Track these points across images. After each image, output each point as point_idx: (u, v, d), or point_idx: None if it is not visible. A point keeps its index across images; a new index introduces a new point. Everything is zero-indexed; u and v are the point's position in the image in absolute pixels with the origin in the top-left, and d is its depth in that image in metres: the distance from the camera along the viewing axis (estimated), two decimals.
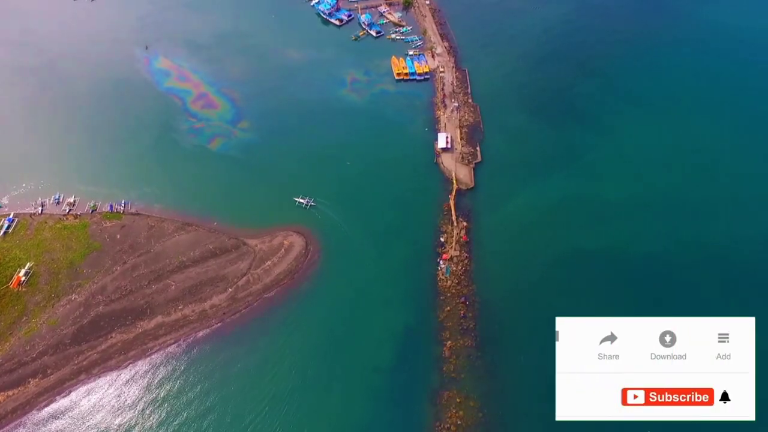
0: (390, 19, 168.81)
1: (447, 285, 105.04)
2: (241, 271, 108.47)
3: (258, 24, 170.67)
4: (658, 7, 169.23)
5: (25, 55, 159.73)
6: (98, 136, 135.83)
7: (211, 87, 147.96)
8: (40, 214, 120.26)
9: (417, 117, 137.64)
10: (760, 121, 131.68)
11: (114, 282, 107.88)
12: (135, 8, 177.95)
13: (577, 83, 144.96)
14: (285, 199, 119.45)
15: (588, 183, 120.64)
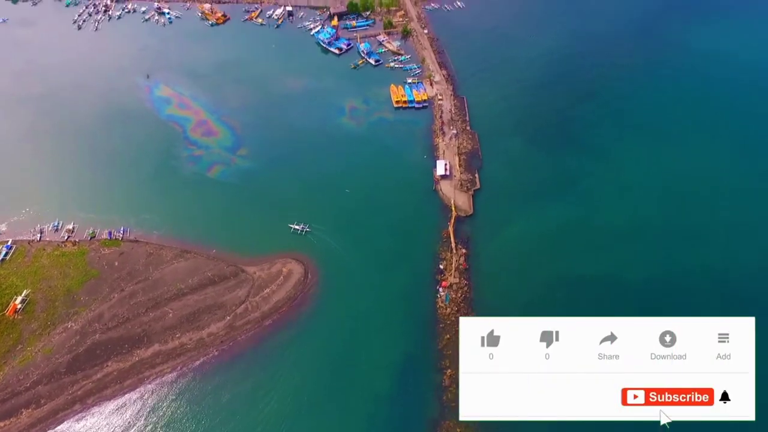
0: (389, 48, 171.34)
1: (446, 312, 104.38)
2: (240, 299, 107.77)
3: (258, 53, 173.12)
4: (650, 34, 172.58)
5: (29, 84, 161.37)
6: (98, 164, 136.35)
7: (211, 115, 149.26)
8: (39, 240, 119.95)
9: (416, 144, 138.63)
10: (754, 144, 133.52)
11: (111, 310, 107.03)
12: (137, 38, 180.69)
13: (574, 110, 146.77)
14: (284, 226, 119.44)
15: (586, 209, 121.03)
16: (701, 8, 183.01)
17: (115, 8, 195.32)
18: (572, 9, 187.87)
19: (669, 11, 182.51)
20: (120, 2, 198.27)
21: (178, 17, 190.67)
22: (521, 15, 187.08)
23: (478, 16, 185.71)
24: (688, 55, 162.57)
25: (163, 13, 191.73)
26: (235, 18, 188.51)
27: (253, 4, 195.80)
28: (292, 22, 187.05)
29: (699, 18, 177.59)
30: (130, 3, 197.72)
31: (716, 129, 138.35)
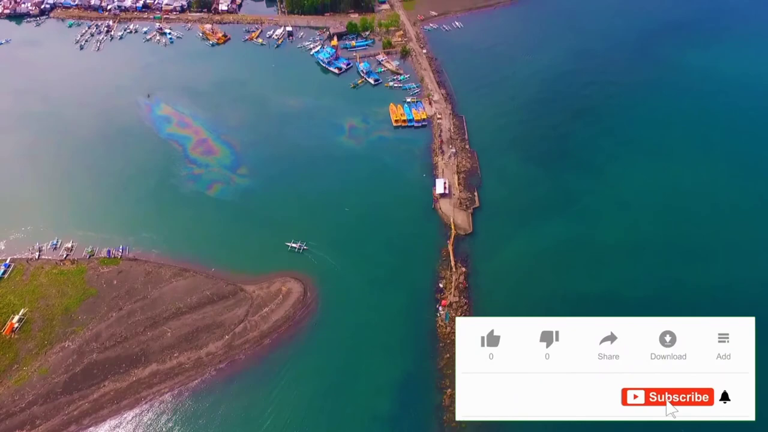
0: (388, 68, 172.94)
1: (446, 331, 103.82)
2: (239, 318, 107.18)
3: (258, 73, 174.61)
4: (645, 54, 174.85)
5: (30, 103, 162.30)
6: (98, 182, 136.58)
7: (211, 133, 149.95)
8: (37, 259, 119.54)
9: (415, 163, 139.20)
10: (748, 160, 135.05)
11: (109, 329, 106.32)
12: (139, 58, 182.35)
13: (572, 128, 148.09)
14: (284, 244, 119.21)
15: (585, 226, 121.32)
16: (695, 30, 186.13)
17: (117, 29, 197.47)
18: (568, 29, 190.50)
19: (663, 32, 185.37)
20: (122, 23, 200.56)
21: (179, 38, 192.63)
22: (518, 34, 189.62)
23: (476, 36, 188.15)
24: (683, 73, 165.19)
25: (164, 33, 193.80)
26: (236, 38, 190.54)
27: (254, 24, 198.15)
28: (292, 42, 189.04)
29: (693, 39, 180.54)
30: (132, 24, 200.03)
31: (711, 145, 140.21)
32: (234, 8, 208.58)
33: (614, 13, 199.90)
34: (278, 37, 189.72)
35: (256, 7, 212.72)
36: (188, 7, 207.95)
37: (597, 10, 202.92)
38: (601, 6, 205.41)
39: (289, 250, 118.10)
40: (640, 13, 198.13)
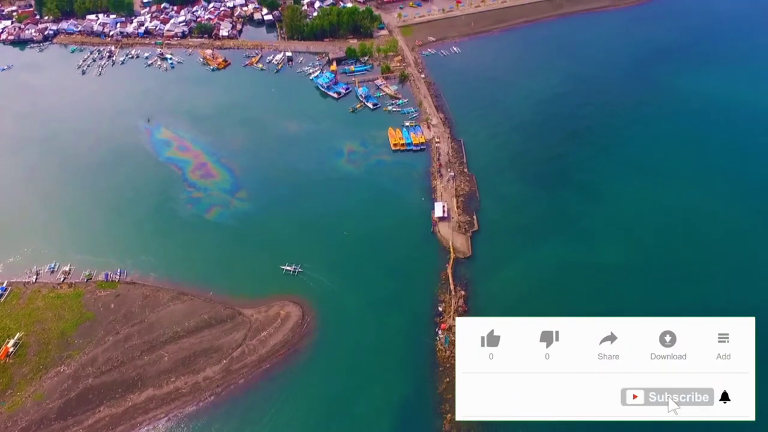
0: (386, 92, 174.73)
1: (446, 355, 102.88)
2: (236, 342, 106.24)
3: (258, 97, 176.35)
4: (640, 78, 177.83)
5: (31, 127, 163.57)
6: (97, 205, 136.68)
7: (211, 157, 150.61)
8: (35, 282, 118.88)
9: (414, 186, 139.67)
10: (746, 183, 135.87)
11: (105, 353, 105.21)
12: (140, 83, 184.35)
13: (568, 150, 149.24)
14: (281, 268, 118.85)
15: (584, 249, 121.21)
16: (688, 55, 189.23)
17: (119, 54, 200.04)
18: (564, 53, 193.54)
19: (657, 57, 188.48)
20: (124, 48, 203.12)
21: (180, 62, 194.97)
22: (515, 59, 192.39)
23: (474, 60, 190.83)
24: (677, 97, 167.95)
25: (165, 58, 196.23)
26: (236, 63, 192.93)
27: (254, 50, 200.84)
28: (292, 67, 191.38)
29: (687, 64, 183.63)
30: (134, 49, 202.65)
31: (706, 165, 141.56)
32: (234, 34, 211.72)
33: (607, 38, 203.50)
34: (278, 62, 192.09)
35: (256, 33, 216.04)
36: (189, 33, 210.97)
37: (590, 36, 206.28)
38: (594, 32, 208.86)
39: (284, 273, 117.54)
40: (633, 39, 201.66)
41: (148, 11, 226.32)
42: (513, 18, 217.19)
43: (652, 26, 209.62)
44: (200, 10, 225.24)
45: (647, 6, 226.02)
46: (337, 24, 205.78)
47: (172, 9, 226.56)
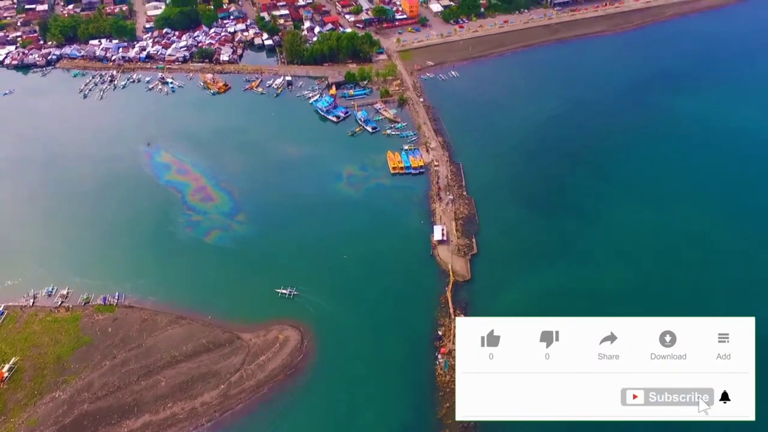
0: (385, 116, 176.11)
1: (446, 380, 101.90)
2: (235, 367, 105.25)
3: (258, 121, 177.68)
4: (638, 101, 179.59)
5: (31, 150, 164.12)
6: (96, 228, 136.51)
7: (210, 180, 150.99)
8: (32, 306, 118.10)
9: (413, 210, 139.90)
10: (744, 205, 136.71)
11: (102, 378, 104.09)
12: (140, 106, 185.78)
13: (566, 173, 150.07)
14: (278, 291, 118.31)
15: (584, 271, 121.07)
16: (684, 79, 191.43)
17: (121, 78, 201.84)
18: (560, 78, 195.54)
19: (653, 81, 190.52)
20: (126, 73, 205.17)
21: (180, 87, 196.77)
22: (513, 83, 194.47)
23: (472, 84, 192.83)
24: (673, 121, 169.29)
25: (166, 82, 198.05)
26: (236, 87, 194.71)
27: (254, 74, 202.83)
28: (291, 91, 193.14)
29: (683, 88, 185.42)
30: (136, 73, 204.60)
31: (704, 189, 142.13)
32: (235, 59, 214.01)
33: (603, 63, 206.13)
34: (278, 87, 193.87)
35: (256, 58, 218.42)
36: (190, 58, 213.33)
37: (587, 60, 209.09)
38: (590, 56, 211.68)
39: (279, 297, 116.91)
40: (629, 64, 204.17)
41: (150, 36, 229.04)
42: (510, 43, 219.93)
43: (648, 51, 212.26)
44: (201, 36, 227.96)
45: (643, 31, 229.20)
46: (337, 49, 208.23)
47: (174, 34, 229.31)
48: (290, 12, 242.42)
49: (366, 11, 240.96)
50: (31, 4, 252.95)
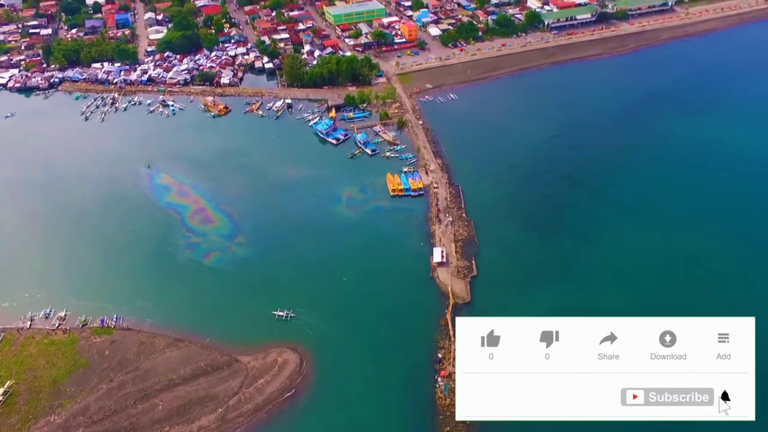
0: (385, 138, 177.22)
1: (446, 404, 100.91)
2: (233, 390, 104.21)
3: (258, 143, 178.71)
4: (633, 123, 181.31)
5: (31, 172, 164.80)
6: (96, 250, 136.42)
7: (210, 202, 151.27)
8: (29, 328, 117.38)
9: (412, 232, 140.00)
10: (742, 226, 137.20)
11: (98, 402, 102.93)
12: (141, 129, 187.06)
13: (564, 194, 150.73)
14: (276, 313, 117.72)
15: (584, 293, 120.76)
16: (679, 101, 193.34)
17: (122, 101, 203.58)
18: (557, 100, 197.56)
19: (649, 103, 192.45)
20: (127, 95, 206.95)
21: (181, 109, 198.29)
22: (510, 105, 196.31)
23: (471, 107, 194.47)
24: (668, 142, 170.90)
25: (167, 105, 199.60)
26: (236, 110, 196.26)
27: (254, 97, 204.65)
28: (291, 113, 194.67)
29: (677, 110, 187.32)
30: (137, 96, 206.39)
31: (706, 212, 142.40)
32: (235, 81, 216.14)
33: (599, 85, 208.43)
34: (278, 109, 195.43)
35: (257, 81, 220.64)
36: (191, 81, 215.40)
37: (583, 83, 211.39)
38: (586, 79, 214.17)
39: (277, 319, 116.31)
40: (625, 86, 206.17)
41: (152, 59, 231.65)
42: (507, 66, 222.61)
43: (644, 74, 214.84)
44: (202, 59, 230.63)
45: (638, 54, 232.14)
46: (337, 72, 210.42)
47: (175, 57, 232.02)
48: (290, 36, 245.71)
49: (365, 35, 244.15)
50: (35, 28, 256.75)
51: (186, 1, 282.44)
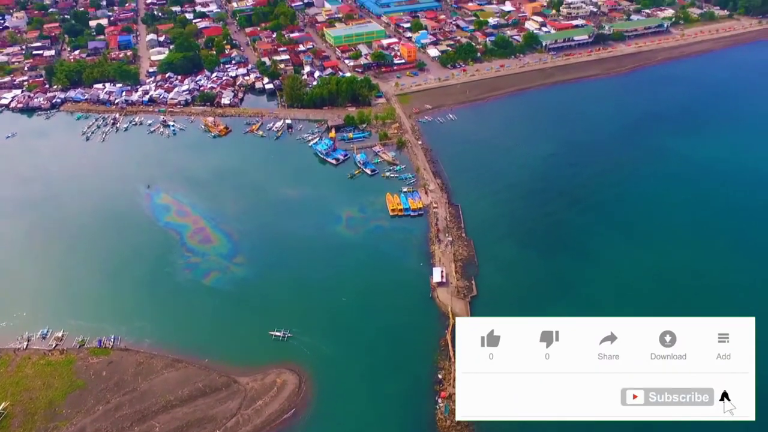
0: (384, 158, 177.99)
1: (446, 425, 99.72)
2: (231, 412, 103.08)
3: (257, 163, 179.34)
4: (631, 142, 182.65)
5: (31, 191, 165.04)
6: (94, 270, 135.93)
7: (209, 222, 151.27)
8: (25, 349, 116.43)
9: (412, 252, 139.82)
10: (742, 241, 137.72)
11: (94, 424, 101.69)
12: (142, 149, 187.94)
13: (563, 213, 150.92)
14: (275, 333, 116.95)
15: (583, 313, 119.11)
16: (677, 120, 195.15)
17: (123, 121, 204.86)
18: (556, 120, 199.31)
19: (647, 123, 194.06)
20: (128, 116, 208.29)
21: (182, 129, 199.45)
22: (509, 125, 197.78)
23: (470, 127, 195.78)
24: (667, 160, 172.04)
25: (168, 125, 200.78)
26: (237, 130, 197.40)
27: (254, 117, 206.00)
28: (291, 134, 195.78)
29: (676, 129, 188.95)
30: (138, 116, 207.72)
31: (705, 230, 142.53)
32: (236, 102, 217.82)
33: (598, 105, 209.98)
34: (278, 130, 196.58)
35: (257, 101, 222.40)
36: (192, 101, 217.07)
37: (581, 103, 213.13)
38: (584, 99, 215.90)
39: (274, 339, 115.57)
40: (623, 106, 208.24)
41: (153, 80, 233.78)
42: (506, 86, 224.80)
43: (640, 94, 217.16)
44: (203, 80, 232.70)
45: (635, 74, 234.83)
46: (336, 93, 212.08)
47: (176, 78, 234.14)
48: (291, 57, 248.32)
49: (365, 56, 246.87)
50: (38, 50, 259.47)
51: (187, 22, 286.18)
